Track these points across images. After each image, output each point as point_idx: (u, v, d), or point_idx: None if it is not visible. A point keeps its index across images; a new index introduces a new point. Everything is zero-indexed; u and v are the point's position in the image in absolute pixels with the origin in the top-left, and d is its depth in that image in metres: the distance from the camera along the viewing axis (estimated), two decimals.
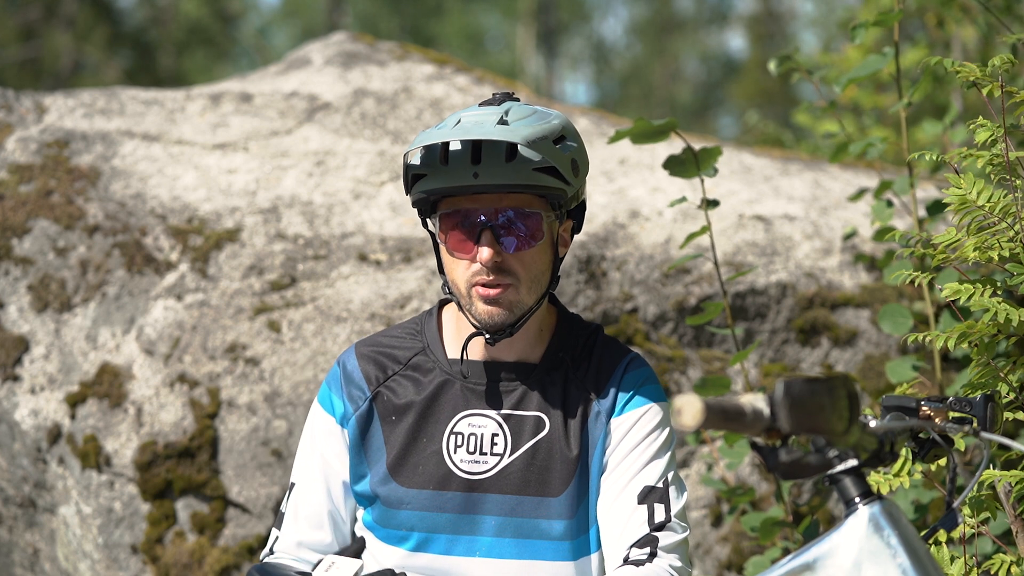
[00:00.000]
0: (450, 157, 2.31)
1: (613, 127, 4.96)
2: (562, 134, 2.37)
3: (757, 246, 4.27)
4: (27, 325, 4.02)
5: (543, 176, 2.32)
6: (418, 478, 2.41)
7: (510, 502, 2.39)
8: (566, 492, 2.40)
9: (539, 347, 2.46)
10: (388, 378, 2.46)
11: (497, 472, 2.40)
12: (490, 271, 2.34)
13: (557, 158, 2.33)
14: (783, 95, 18.68)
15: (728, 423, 1.84)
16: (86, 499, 3.88)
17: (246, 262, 4.13)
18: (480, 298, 2.36)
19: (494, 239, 2.34)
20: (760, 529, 3.41)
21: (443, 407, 2.43)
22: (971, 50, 6.63)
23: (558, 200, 2.37)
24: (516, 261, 2.36)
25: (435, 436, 2.42)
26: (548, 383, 2.44)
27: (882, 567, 1.92)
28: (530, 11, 24.09)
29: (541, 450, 2.40)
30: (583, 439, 2.42)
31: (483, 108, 2.37)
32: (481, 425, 2.41)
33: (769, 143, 7.44)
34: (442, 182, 2.33)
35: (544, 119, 2.36)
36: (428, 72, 5.12)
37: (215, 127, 4.71)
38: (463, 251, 2.36)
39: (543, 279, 2.40)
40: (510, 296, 2.36)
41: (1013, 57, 2.73)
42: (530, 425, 2.41)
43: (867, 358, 4.13)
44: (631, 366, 2.47)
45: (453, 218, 2.36)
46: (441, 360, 2.46)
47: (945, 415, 2.16)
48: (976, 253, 2.66)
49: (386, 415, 2.44)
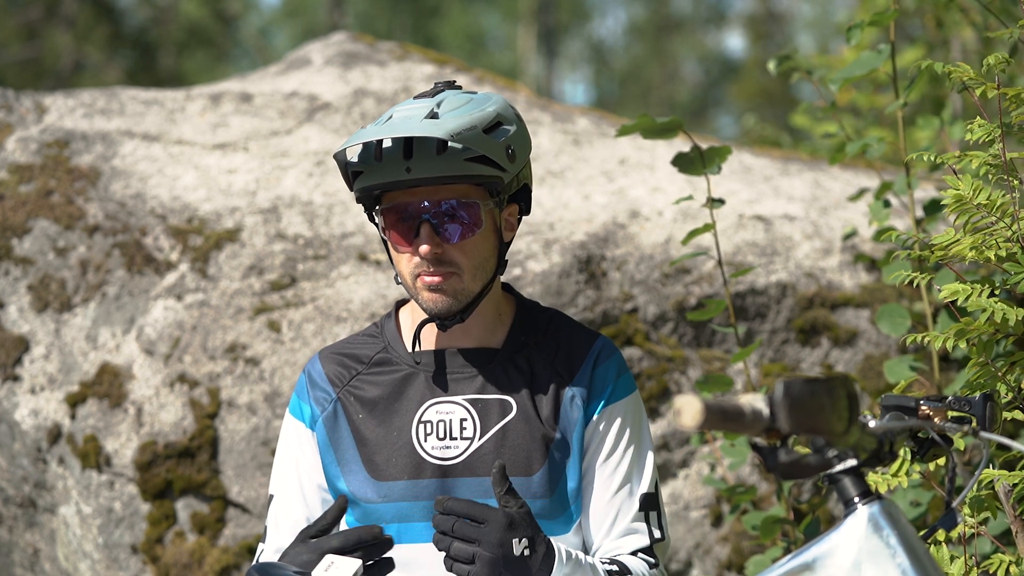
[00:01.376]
0: (383, 154, 2.35)
1: (613, 127, 4.96)
2: (496, 120, 2.39)
3: (757, 246, 4.27)
4: (27, 325, 4.03)
5: (476, 166, 2.35)
6: (391, 470, 2.43)
7: (485, 484, 2.41)
8: (540, 471, 2.42)
9: (500, 332, 2.50)
10: (352, 378, 2.50)
11: (469, 455, 2.42)
12: (431, 263, 2.38)
13: (488, 147, 2.35)
14: (782, 96, 18.67)
15: (727, 423, 1.85)
16: (86, 499, 3.88)
17: (246, 262, 4.13)
18: (425, 287, 2.40)
19: (432, 231, 2.37)
20: (761, 528, 3.41)
21: (409, 398, 2.46)
22: (970, 51, 6.64)
23: (495, 187, 2.40)
24: (457, 251, 2.39)
25: (404, 427, 2.44)
26: (512, 366, 2.47)
27: (881, 567, 1.92)
28: (530, 11, 24.10)
29: (511, 431, 2.43)
30: (557, 419, 2.45)
31: (417, 101, 2.40)
32: (448, 411, 2.44)
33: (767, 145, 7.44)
34: (377, 178, 2.36)
35: (478, 107, 2.38)
36: (428, 72, 5.12)
37: (215, 127, 4.71)
38: (404, 244, 2.40)
39: (487, 265, 2.43)
40: (454, 284, 2.39)
41: (1009, 57, 2.73)
42: (496, 408, 2.44)
43: (867, 358, 4.14)
44: (604, 353, 2.50)
45: (393, 212, 2.40)
46: (403, 354, 2.49)
47: (944, 415, 2.16)
48: (973, 253, 2.67)
49: (353, 413, 2.47)
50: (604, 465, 2.47)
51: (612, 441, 2.47)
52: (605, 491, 2.46)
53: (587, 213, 4.33)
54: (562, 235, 4.21)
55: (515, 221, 2.49)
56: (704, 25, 27.52)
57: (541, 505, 2.42)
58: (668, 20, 26.81)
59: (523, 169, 2.45)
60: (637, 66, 26.95)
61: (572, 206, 4.36)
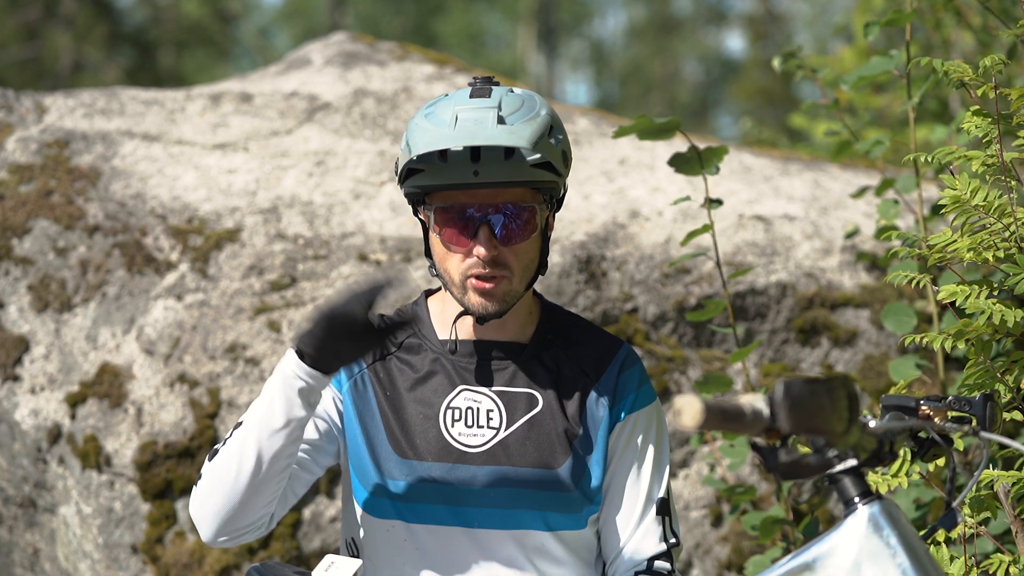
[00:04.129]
0: (449, 156, 2.36)
1: (612, 127, 4.96)
2: (551, 125, 2.42)
3: (757, 246, 4.27)
4: (27, 325, 4.03)
5: (539, 171, 2.38)
6: (416, 450, 2.45)
7: (508, 473, 2.43)
8: (564, 465, 2.45)
9: (528, 328, 2.53)
10: (382, 357, 2.51)
11: (494, 445, 2.45)
12: (486, 264, 2.39)
13: (551, 153, 2.39)
14: (782, 96, 18.67)
15: (728, 423, 1.85)
16: (86, 499, 3.88)
17: (246, 262, 4.13)
18: (475, 290, 2.42)
19: (491, 233, 2.39)
20: (760, 528, 3.42)
21: (439, 383, 2.48)
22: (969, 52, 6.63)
23: (551, 193, 2.44)
24: (511, 253, 2.41)
25: (432, 410, 2.46)
26: (539, 362, 2.50)
27: (881, 567, 1.93)
28: (531, 11, 24.10)
29: (536, 424, 2.46)
30: (582, 416, 2.48)
31: (476, 101, 2.40)
32: (477, 400, 2.47)
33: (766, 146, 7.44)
34: (442, 179, 2.37)
35: (533, 110, 2.40)
36: (428, 72, 5.12)
37: (215, 127, 4.71)
38: (459, 244, 2.41)
39: (533, 267, 2.46)
40: (504, 287, 2.42)
41: (1006, 58, 2.74)
42: (524, 401, 2.47)
43: (867, 358, 4.14)
44: (628, 360, 2.54)
45: (449, 212, 2.41)
46: (433, 341, 2.51)
47: (944, 415, 2.16)
48: (971, 254, 2.67)
49: (381, 391, 2.49)
50: (627, 473, 2.51)
51: (634, 450, 2.51)
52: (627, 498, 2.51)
53: (587, 213, 4.34)
54: (562, 235, 4.22)
55: (554, 222, 2.53)
56: (704, 25, 27.53)
57: (563, 498, 2.45)
58: (668, 20, 26.81)
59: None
60: (638, 66, 26.95)
61: (572, 206, 4.36)
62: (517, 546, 2.44)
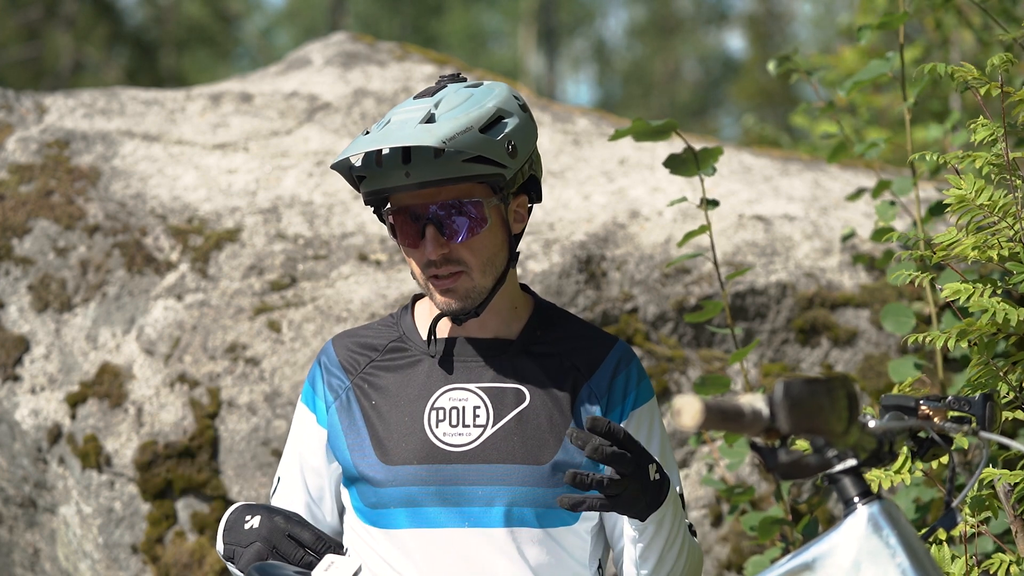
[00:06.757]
0: (383, 159, 2.37)
1: (613, 127, 4.96)
2: (496, 116, 2.38)
3: (757, 246, 4.27)
4: (27, 325, 4.03)
5: (474, 166, 2.35)
6: (402, 455, 2.44)
7: (497, 471, 2.42)
8: (553, 461, 2.43)
9: (515, 324, 2.51)
10: (367, 364, 2.51)
11: (481, 443, 2.43)
12: (439, 263, 2.40)
13: (485, 147, 2.34)
14: (783, 96, 18.68)
15: (727, 423, 1.84)
16: (86, 499, 3.88)
17: (246, 262, 4.13)
18: (435, 289, 2.42)
19: (437, 232, 2.39)
20: (759, 528, 3.41)
21: (422, 385, 2.47)
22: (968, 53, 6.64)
23: (497, 184, 2.40)
24: (464, 249, 2.40)
25: (416, 413, 2.46)
26: (527, 358, 2.49)
27: (881, 567, 1.92)
28: (531, 11, 24.10)
29: (524, 420, 2.44)
30: (574, 412, 2.47)
31: (416, 103, 2.40)
32: (462, 399, 2.46)
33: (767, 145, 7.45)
34: (380, 183, 2.38)
35: (477, 104, 2.38)
36: (428, 72, 5.12)
37: (215, 127, 4.71)
38: (412, 246, 2.42)
39: (497, 260, 2.44)
40: (464, 284, 2.41)
41: (1013, 57, 2.74)
42: (511, 397, 2.46)
43: (867, 358, 4.14)
44: (625, 358, 2.52)
45: (399, 215, 2.42)
46: (418, 343, 2.51)
47: (944, 414, 2.16)
48: (975, 252, 2.67)
49: (366, 400, 2.49)
50: None
51: (645, 444, 2.48)
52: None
53: (587, 213, 4.33)
54: (562, 235, 4.21)
55: (525, 212, 2.50)
56: (705, 25, 27.53)
57: (552, 494, 2.43)
58: (669, 20, 26.81)
59: (528, 161, 2.44)
60: (639, 66, 26.96)
61: (572, 206, 4.36)
62: (508, 544, 2.43)
